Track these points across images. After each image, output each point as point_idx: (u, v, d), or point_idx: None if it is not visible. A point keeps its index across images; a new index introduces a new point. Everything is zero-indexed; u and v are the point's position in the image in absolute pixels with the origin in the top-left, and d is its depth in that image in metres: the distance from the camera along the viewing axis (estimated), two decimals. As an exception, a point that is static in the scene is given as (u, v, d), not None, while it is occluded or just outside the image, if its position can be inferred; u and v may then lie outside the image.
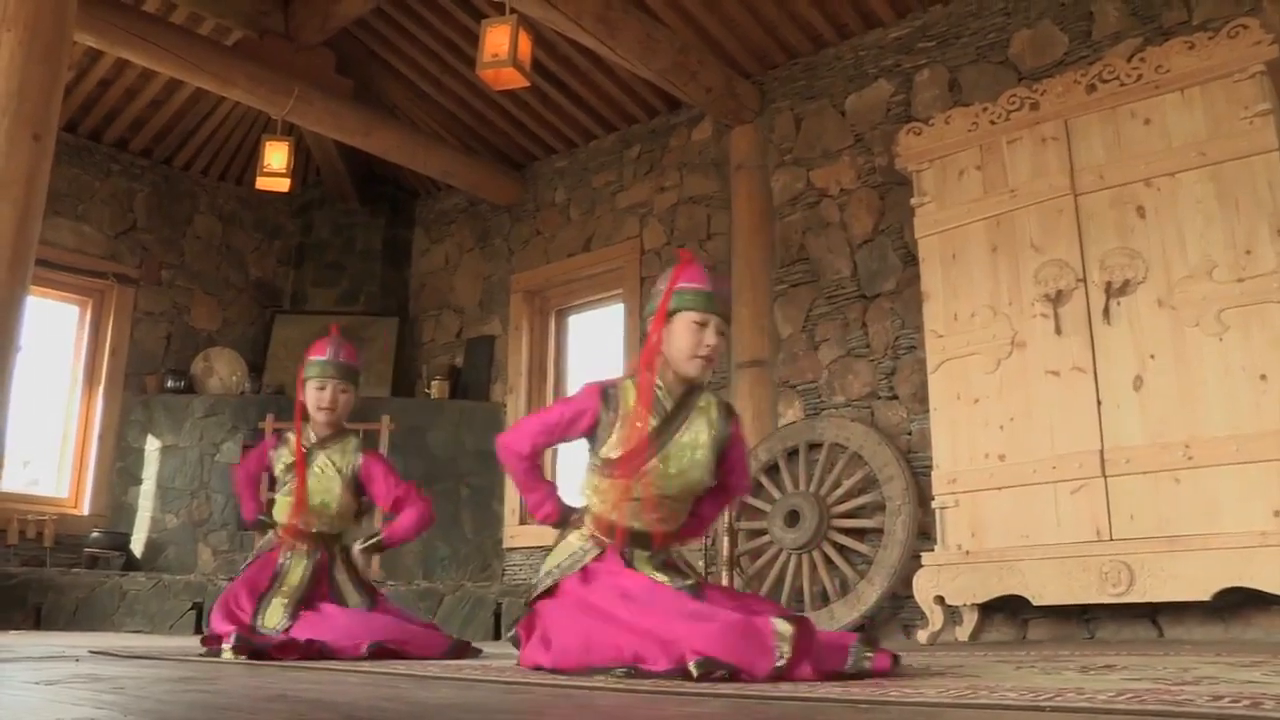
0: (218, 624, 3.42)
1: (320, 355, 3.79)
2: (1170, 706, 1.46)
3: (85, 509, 7.04)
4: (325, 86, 6.56)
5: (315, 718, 1.47)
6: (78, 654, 3.20)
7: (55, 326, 7.28)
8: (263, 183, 6.74)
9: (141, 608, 5.91)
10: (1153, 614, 4.27)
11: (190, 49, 5.89)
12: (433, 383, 7.44)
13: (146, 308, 7.56)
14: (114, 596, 5.95)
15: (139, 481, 7.10)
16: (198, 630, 5.80)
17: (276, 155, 6.67)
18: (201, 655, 3.21)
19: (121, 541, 6.79)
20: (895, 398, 5.36)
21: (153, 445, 7.15)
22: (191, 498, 7.03)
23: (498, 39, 5.13)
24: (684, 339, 2.64)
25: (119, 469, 7.15)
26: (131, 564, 6.76)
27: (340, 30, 6.64)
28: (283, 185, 6.78)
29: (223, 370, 7.60)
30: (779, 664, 2.09)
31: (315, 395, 3.78)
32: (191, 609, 5.86)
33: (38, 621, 5.84)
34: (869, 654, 2.19)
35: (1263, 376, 3.78)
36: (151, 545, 6.94)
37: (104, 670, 2.46)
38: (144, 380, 7.40)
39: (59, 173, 6.17)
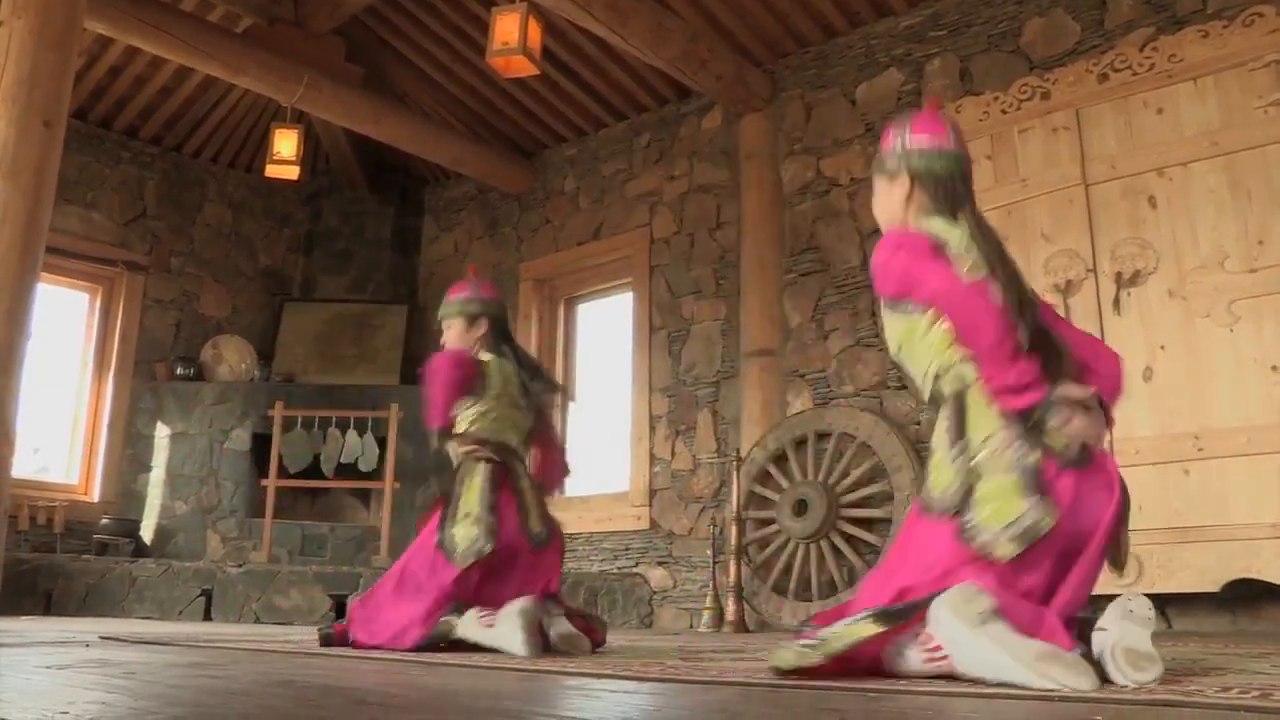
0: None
1: (459, 294, 3.55)
2: (1180, 697, 1.45)
3: (95, 495, 7.07)
4: (335, 74, 6.56)
5: (324, 704, 1.48)
6: (88, 639, 3.22)
7: (65, 313, 7.30)
8: (272, 170, 6.75)
9: (151, 594, 5.93)
10: (1161, 605, 4.26)
11: (200, 36, 5.89)
12: (442, 371, 7.44)
13: (156, 295, 7.58)
14: (124, 583, 5.98)
15: (148, 468, 7.13)
16: (207, 616, 5.83)
17: (286, 143, 6.68)
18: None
19: (131, 528, 6.82)
20: (904, 388, 5.35)
21: (162, 432, 7.17)
22: (201, 485, 7.06)
23: (508, 27, 5.12)
24: None
25: (129, 456, 7.17)
26: (141, 550, 6.79)
27: (350, 18, 6.64)
28: (292, 173, 6.79)
29: (232, 358, 7.62)
30: None
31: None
32: (201, 595, 5.88)
33: (48, 607, 5.87)
34: None
35: (1274, 367, 3.76)
36: (161, 532, 6.97)
37: (114, 656, 2.48)
38: (154, 367, 7.42)
39: (69, 160, 6.18)
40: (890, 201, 2.34)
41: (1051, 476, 1.90)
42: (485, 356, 3.37)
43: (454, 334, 3.47)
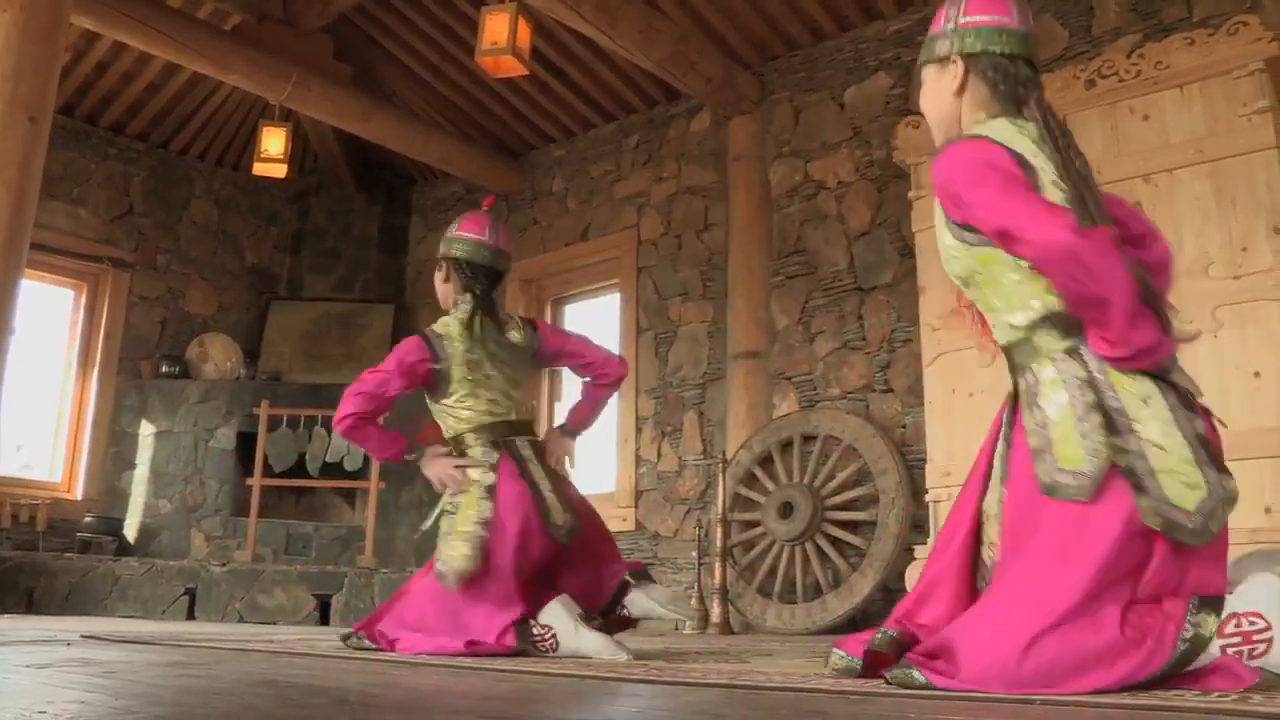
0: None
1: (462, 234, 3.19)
2: (1161, 702, 1.46)
3: (79, 493, 7.03)
4: (324, 72, 6.54)
5: (306, 703, 1.47)
6: (69, 638, 3.20)
7: (50, 310, 7.26)
8: (260, 168, 6.73)
9: (134, 593, 5.90)
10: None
11: (188, 33, 5.87)
12: (428, 370, 7.42)
13: (142, 292, 7.54)
14: (106, 581, 5.95)
15: (133, 466, 7.10)
16: (190, 615, 5.80)
17: (274, 141, 6.66)
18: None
19: (115, 526, 6.79)
20: (890, 391, 5.36)
21: (147, 430, 7.14)
22: (185, 483, 7.02)
23: (497, 26, 5.11)
24: None
25: (113, 454, 7.14)
26: (124, 549, 6.76)
27: (339, 16, 6.62)
28: (280, 171, 6.78)
29: (218, 356, 7.59)
30: None
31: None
32: (184, 594, 5.86)
33: (29, 606, 5.83)
34: None
35: (1256, 374, 3.78)
36: (145, 530, 6.94)
37: (95, 655, 2.46)
38: (139, 365, 7.38)
39: (55, 156, 6.15)
40: (940, 92, 1.95)
41: (1217, 442, 1.67)
42: (454, 314, 3.09)
43: (438, 278, 3.21)
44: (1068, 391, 1.71)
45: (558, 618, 2.70)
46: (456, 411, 3.04)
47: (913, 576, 4.50)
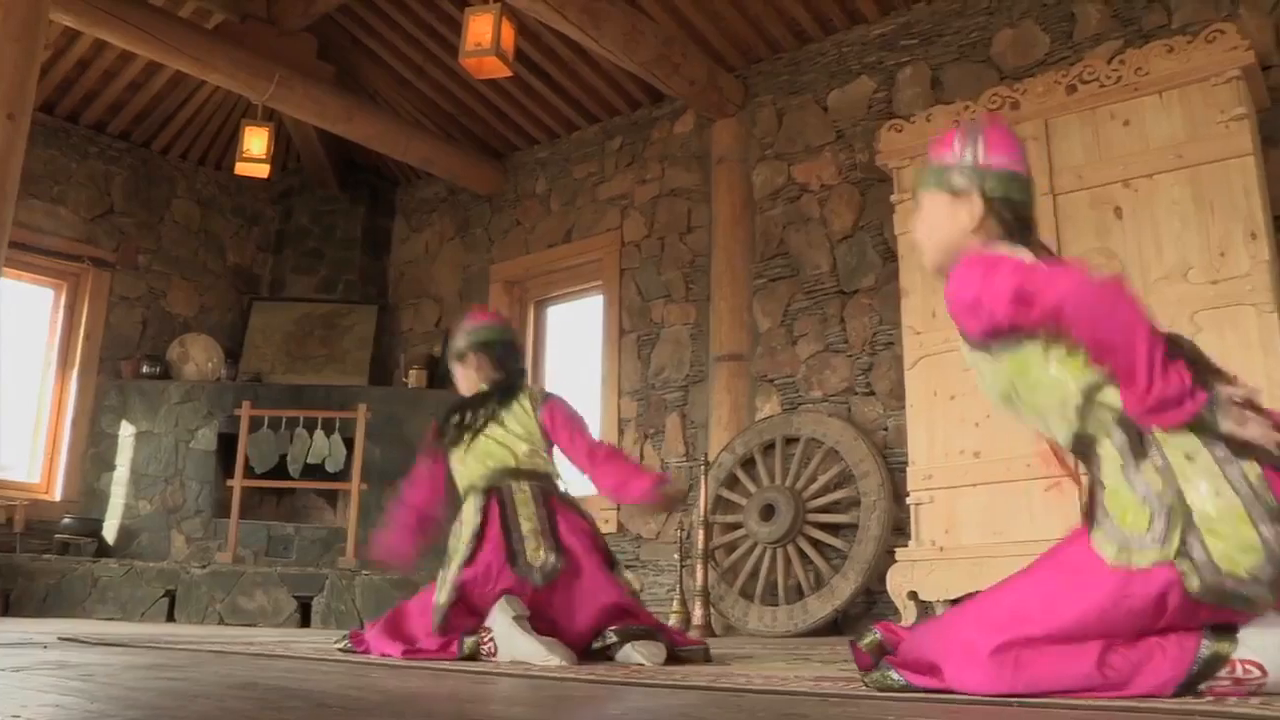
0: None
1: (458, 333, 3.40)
2: (1133, 704, 1.47)
3: (57, 495, 6.97)
4: (307, 72, 6.52)
5: (285, 706, 1.47)
6: (46, 641, 3.18)
7: (29, 309, 7.20)
8: (242, 168, 6.71)
9: (113, 594, 5.87)
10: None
11: (170, 31, 5.83)
12: (411, 372, 7.42)
13: (123, 292, 7.49)
14: (85, 583, 5.91)
15: (112, 467, 7.05)
16: (170, 617, 5.77)
17: (256, 141, 6.63)
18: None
19: (94, 528, 6.74)
20: (872, 393, 5.38)
21: (127, 431, 7.09)
22: (165, 484, 6.99)
23: (481, 28, 5.11)
24: None
25: (92, 455, 7.09)
26: (103, 550, 6.71)
27: (323, 15, 6.59)
28: (262, 171, 6.75)
29: (199, 356, 7.55)
30: None
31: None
32: (164, 596, 5.83)
33: (6, 608, 5.79)
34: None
35: (1234, 378, 3.81)
36: (124, 532, 6.89)
37: (72, 657, 2.45)
38: (119, 365, 7.33)
39: (35, 154, 6.12)
40: (953, 224, 1.95)
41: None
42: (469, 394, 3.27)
43: (459, 374, 3.35)
44: (1122, 460, 1.68)
45: (496, 622, 2.70)
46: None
47: (894, 579, 4.52)
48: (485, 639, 2.69)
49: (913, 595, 4.43)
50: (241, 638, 3.87)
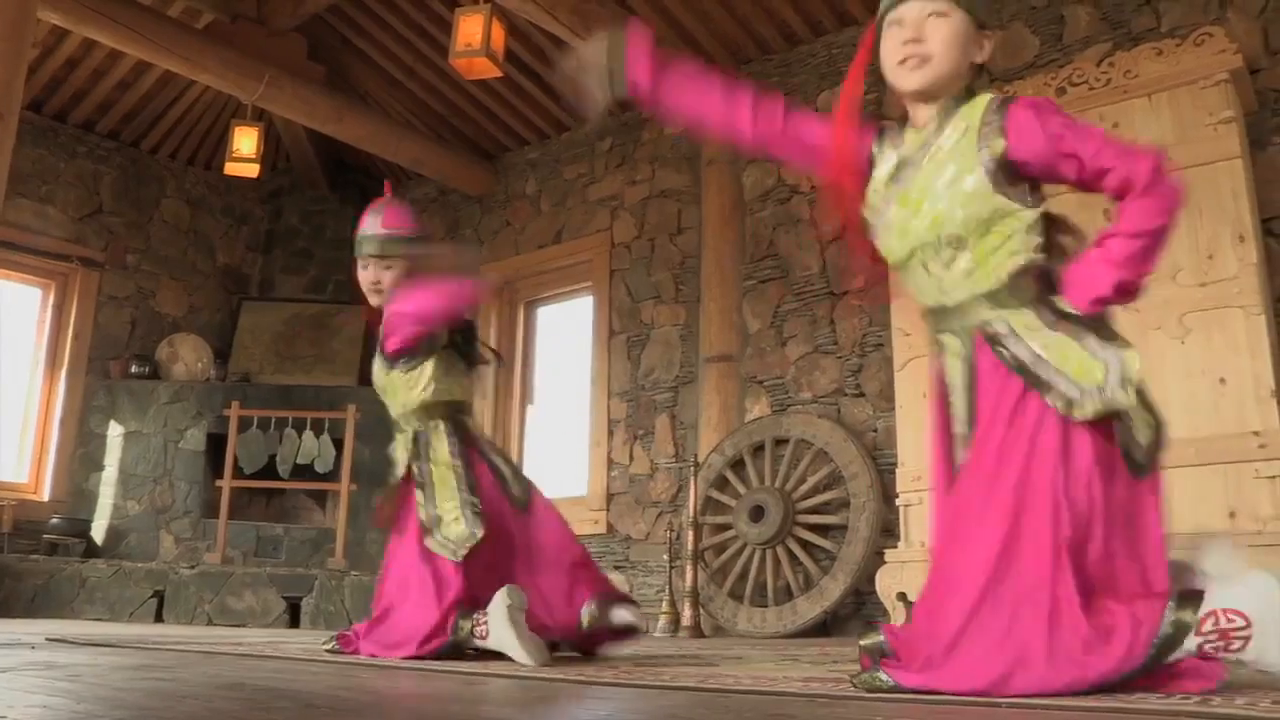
0: None
1: (361, 229, 3.32)
2: (1124, 705, 1.48)
3: (45, 495, 6.95)
4: (297, 72, 6.51)
5: (273, 707, 1.47)
6: (34, 641, 3.16)
7: (17, 309, 7.18)
8: (232, 168, 6.70)
9: (102, 595, 5.85)
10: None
11: (159, 30, 5.82)
12: (400, 372, 7.39)
13: (111, 292, 7.47)
14: (73, 583, 5.89)
15: (101, 468, 7.03)
16: (159, 618, 5.75)
17: (246, 140, 6.63)
18: None
19: (82, 528, 6.72)
20: (862, 395, 5.39)
21: (115, 431, 7.07)
22: (154, 484, 6.97)
23: (471, 28, 5.12)
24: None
25: (80, 455, 7.06)
26: (92, 551, 6.69)
27: (313, 16, 6.59)
28: (252, 171, 6.74)
29: (188, 356, 7.53)
30: None
31: (360, 276, 3.36)
32: (153, 596, 5.81)
33: (-6, 607, 5.77)
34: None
35: (1221, 380, 3.83)
36: (113, 532, 6.87)
37: (60, 658, 2.44)
38: (108, 365, 7.31)
39: (23, 153, 6.09)
40: (965, 56, 2.01)
41: None
42: None
43: (393, 276, 3.34)
44: (1051, 330, 1.86)
45: (494, 607, 2.68)
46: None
47: (883, 580, 4.53)
48: (480, 621, 2.70)
49: (902, 596, 4.43)
50: (230, 638, 3.86)
